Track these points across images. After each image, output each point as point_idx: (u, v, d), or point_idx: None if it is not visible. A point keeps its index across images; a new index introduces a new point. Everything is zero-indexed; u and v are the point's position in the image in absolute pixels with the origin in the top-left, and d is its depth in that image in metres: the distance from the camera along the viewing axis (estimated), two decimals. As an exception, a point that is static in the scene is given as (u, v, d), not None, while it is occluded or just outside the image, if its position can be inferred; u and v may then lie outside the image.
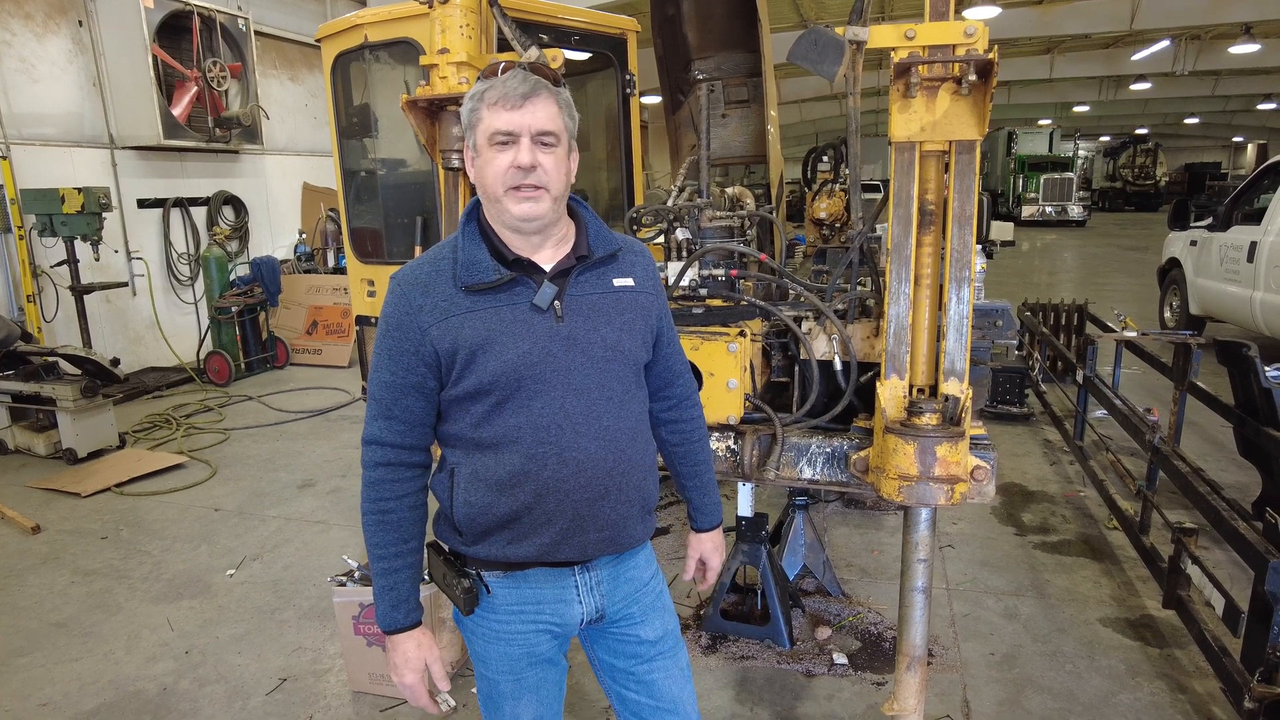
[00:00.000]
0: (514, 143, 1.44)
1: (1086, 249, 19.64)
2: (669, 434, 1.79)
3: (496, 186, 1.46)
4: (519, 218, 1.47)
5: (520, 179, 1.44)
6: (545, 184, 1.46)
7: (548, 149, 1.46)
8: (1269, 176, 7.50)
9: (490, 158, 1.46)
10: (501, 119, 1.43)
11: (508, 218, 1.48)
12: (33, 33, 7.35)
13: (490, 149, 1.45)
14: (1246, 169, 36.73)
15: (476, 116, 1.46)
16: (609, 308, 1.55)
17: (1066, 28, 14.68)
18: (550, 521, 1.51)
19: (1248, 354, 3.75)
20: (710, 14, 4.51)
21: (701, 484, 1.86)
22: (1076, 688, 3.00)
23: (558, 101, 1.48)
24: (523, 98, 1.43)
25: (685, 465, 1.83)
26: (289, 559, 4.23)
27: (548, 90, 1.46)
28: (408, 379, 1.51)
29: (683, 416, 1.79)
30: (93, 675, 3.25)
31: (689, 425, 1.80)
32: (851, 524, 4.47)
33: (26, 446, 5.99)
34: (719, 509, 1.91)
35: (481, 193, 1.52)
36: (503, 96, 1.43)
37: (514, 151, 1.44)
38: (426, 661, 1.58)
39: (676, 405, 1.77)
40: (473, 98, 1.48)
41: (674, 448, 1.81)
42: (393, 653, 1.58)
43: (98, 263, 7.42)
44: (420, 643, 1.58)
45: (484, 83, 1.48)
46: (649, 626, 1.68)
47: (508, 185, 1.45)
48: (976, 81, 1.98)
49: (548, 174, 1.45)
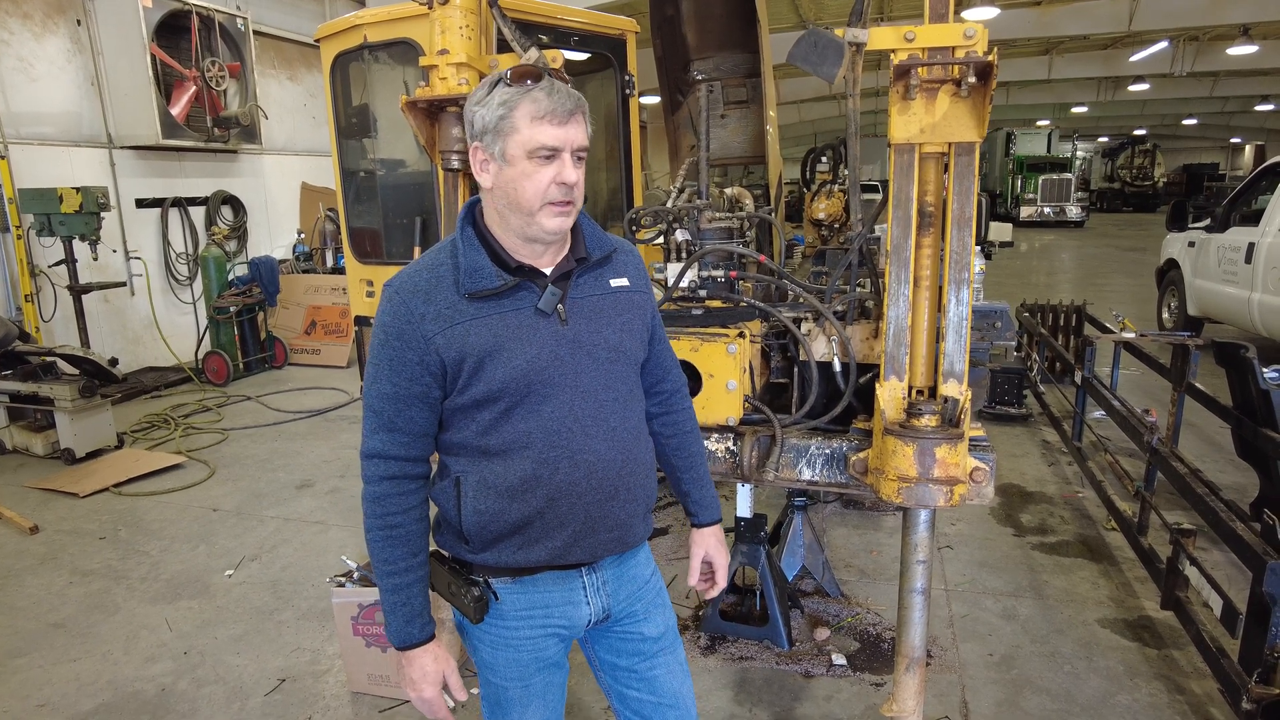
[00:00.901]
0: (556, 158, 1.42)
1: (1085, 250, 19.66)
2: (661, 427, 1.78)
3: (535, 201, 1.42)
4: (551, 231, 1.45)
5: (561, 195, 1.43)
6: (577, 200, 1.47)
7: (580, 165, 1.45)
8: (1267, 178, 7.51)
9: (529, 171, 1.41)
10: (548, 134, 1.40)
11: (536, 230, 1.45)
12: (31, 32, 7.34)
13: (529, 162, 1.41)
14: (1244, 170, 36.77)
15: (509, 125, 1.40)
16: (609, 309, 1.56)
17: (1065, 28, 14.70)
18: (563, 525, 1.51)
19: (1246, 355, 3.75)
20: (709, 15, 4.51)
21: (698, 476, 1.84)
22: (1075, 688, 3.01)
23: (586, 117, 1.47)
24: (569, 114, 1.41)
25: (680, 458, 1.81)
26: (287, 559, 4.23)
27: (584, 107, 1.45)
28: (411, 389, 1.47)
29: (674, 408, 1.78)
30: (91, 676, 3.25)
31: (680, 416, 1.80)
32: (850, 525, 4.47)
33: (24, 446, 5.99)
34: (718, 504, 1.88)
35: (510, 204, 1.45)
36: (550, 111, 1.39)
37: (556, 167, 1.41)
38: (444, 674, 1.56)
39: (668, 398, 1.77)
40: (504, 104, 1.41)
41: (667, 440, 1.79)
42: (409, 668, 1.54)
43: (96, 262, 7.40)
44: (437, 656, 1.56)
45: (515, 90, 1.41)
46: (651, 623, 1.69)
47: (549, 199, 1.42)
48: (976, 83, 1.98)
49: (578, 190, 1.46)
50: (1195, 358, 4.25)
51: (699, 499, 1.84)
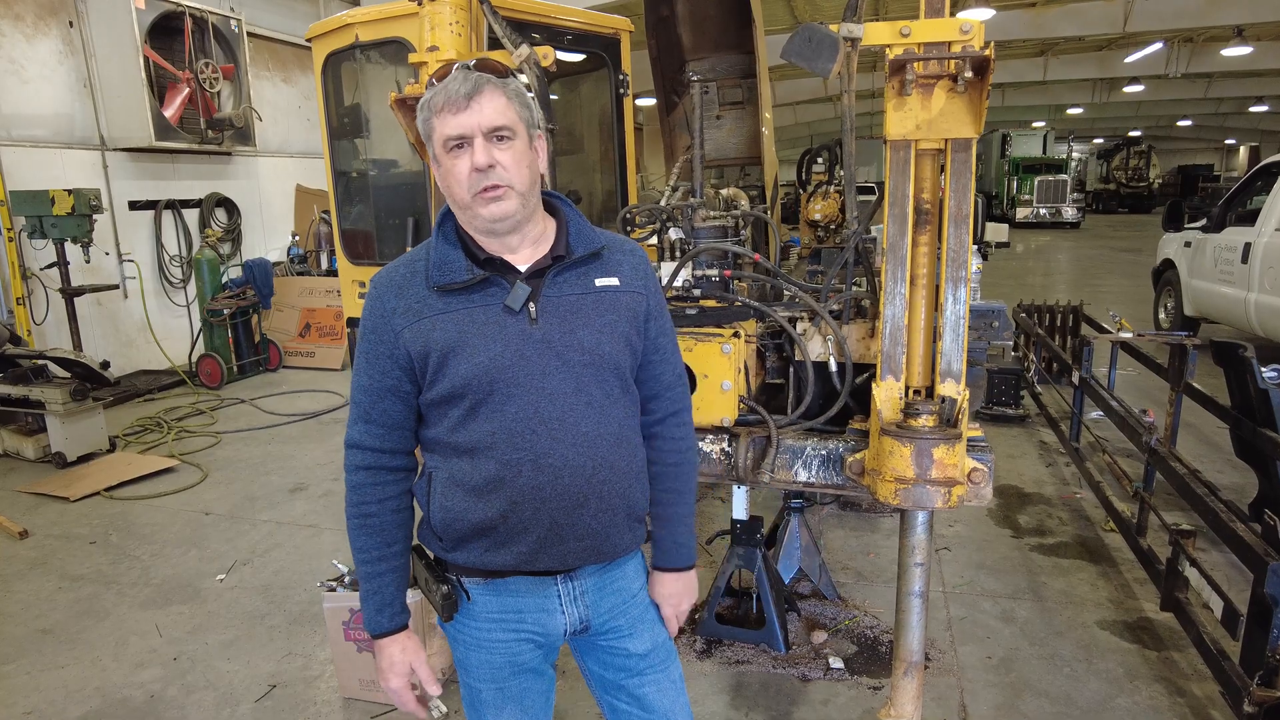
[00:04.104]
0: (468, 145, 1.39)
1: (1081, 250, 19.69)
2: (648, 451, 1.64)
3: (463, 193, 1.41)
4: (490, 219, 1.42)
5: (482, 181, 1.39)
6: (507, 181, 1.40)
7: (504, 144, 1.40)
8: (1262, 178, 7.52)
9: (449, 165, 1.41)
10: (450, 124, 1.38)
11: (480, 222, 1.44)
12: (22, 34, 7.30)
13: (447, 156, 1.41)
14: (1239, 171, 36.88)
15: (430, 126, 1.41)
16: (588, 309, 1.49)
17: (1060, 30, 14.74)
18: (527, 530, 1.46)
19: (1244, 355, 3.74)
20: (704, 15, 4.50)
21: (669, 515, 1.65)
22: (1074, 691, 2.98)
23: (505, 94, 1.41)
24: (466, 97, 1.37)
25: (656, 489, 1.64)
26: (280, 564, 4.19)
27: (491, 84, 1.40)
28: (384, 382, 1.49)
29: (662, 434, 1.64)
30: (79, 683, 3.21)
31: (668, 445, 1.64)
32: (847, 526, 4.44)
33: (15, 450, 5.94)
34: (687, 551, 1.68)
35: (451, 202, 1.47)
36: (447, 101, 1.37)
37: (469, 154, 1.39)
38: (412, 665, 1.56)
39: (659, 422, 1.64)
40: (424, 107, 1.42)
41: (650, 466, 1.63)
42: (379, 657, 1.56)
43: (88, 265, 7.35)
44: (405, 647, 1.56)
45: (430, 90, 1.42)
46: (637, 640, 1.63)
47: (473, 190, 1.40)
48: (972, 79, 1.96)
49: (508, 171, 1.40)
50: (1193, 357, 4.23)
51: (661, 539, 1.67)
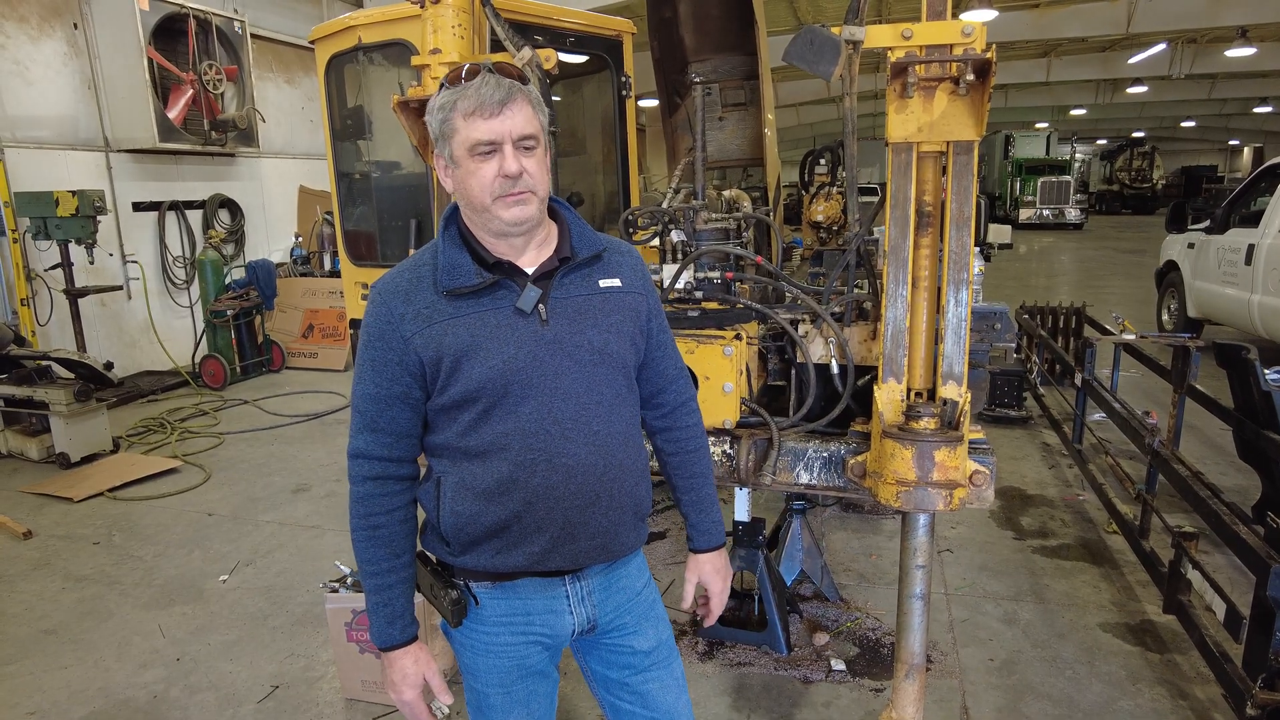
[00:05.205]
0: (496, 151, 1.40)
1: (1084, 252, 19.65)
2: (663, 443, 1.72)
3: (483, 196, 1.42)
4: (510, 222, 1.43)
5: (509, 187, 1.40)
6: (533, 187, 1.43)
7: (529, 152, 1.42)
8: (1266, 179, 7.50)
9: (473, 169, 1.41)
10: (480, 129, 1.38)
11: (497, 225, 1.45)
12: (27, 35, 7.32)
13: (471, 160, 1.41)
14: (1243, 172, 36.79)
15: (450, 128, 1.41)
16: (595, 309, 1.51)
17: (1063, 31, 14.71)
18: (540, 530, 1.48)
19: (1247, 357, 3.73)
20: (707, 17, 4.50)
21: (699, 499, 1.74)
22: (1076, 694, 2.98)
23: (530, 102, 1.43)
24: (500, 104, 1.38)
25: (680, 477, 1.73)
26: (282, 564, 4.19)
27: (521, 92, 1.42)
28: (392, 390, 1.47)
29: (677, 424, 1.71)
30: (82, 683, 3.22)
31: (684, 434, 1.72)
32: (849, 528, 4.44)
33: (19, 451, 5.95)
34: (720, 527, 1.77)
35: (464, 203, 1.47)
36: (479, 105, 1.38)
37: (498, 160, 1.40)
38: (425, 676, 1.55)
39: (670, 413, 1.70)
40: (442, 108, 1.42)
41: (669, 458, 1.73)
42: (389, 669, 1.54)
43: (92, 266, 7.37)
44: (418, 658, 1.55)
45: (451, 91, 1.41)
46: (642, 637, 1.65)
47: (496, 194, 1.41)
48: (974, 81, 1.96)
49: (533, 177, 1.42)
50: (1196, 359, 4.22)
51: (697, 523, 1.75)
